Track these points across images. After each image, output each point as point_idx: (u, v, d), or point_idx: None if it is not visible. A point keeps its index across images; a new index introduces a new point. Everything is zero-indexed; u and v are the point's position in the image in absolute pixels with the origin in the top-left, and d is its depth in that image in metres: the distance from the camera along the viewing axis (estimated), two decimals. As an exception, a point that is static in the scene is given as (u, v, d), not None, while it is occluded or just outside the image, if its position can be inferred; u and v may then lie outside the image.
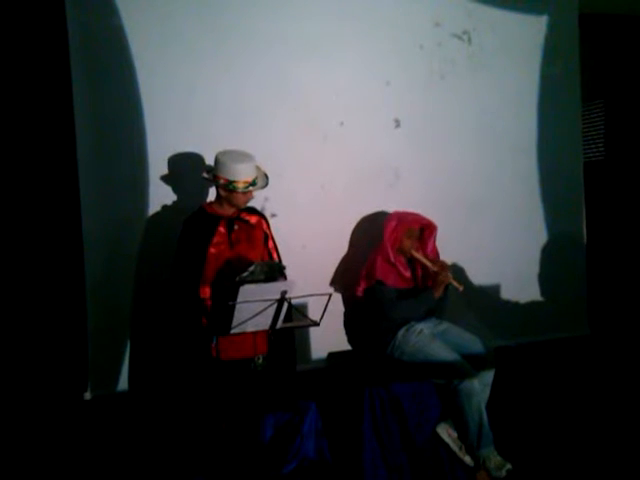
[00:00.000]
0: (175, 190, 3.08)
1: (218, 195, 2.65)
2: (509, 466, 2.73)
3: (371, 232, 3.45)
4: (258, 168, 2.64)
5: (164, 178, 3.07)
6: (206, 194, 3.05)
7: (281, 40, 3.29)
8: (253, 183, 2.57)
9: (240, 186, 2.54)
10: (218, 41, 3.18)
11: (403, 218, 3.06)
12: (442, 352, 2.87)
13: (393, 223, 3.05)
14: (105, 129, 3.02)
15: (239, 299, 2.24)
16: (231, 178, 2.54)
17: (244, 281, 2.37)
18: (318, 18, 3.37)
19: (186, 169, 3.07)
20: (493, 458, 2.76)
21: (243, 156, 2.59)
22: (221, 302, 2.39)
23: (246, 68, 3.23)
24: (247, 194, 2.60)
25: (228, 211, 2.65)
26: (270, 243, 2.80)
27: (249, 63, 3.23)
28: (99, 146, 3.01)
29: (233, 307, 2.25)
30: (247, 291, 2.25)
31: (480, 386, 2.83)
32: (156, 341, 3.00)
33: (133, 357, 3.08)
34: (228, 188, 2.56)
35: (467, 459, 2.84)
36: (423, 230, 3.10)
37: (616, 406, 3.37)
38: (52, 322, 3.20)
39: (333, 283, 3.40)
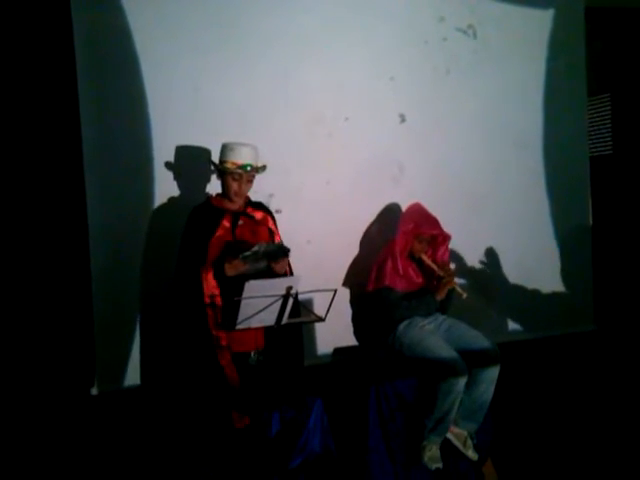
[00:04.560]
0: (180, 184, 3.09)
1: (222, 187, 2.64)
2: (440, 465, 2.76)
3: (376, 226, 3.46)
4: (261, 167, 2.59)
5: (169, 172, 3.07)
6: (211, 187, 3.04)
7: (286, 35, 3.28)
8: (243, 167, 2.53)
9: (228, 166, 2.52)
10: (223, 37, 3.17)
11: (418, 223, 3.02)
12: (439, 348, 2.85)
13: (409, 227, 3.01)
14: (110, 125, 3.02)
15: (244, 295, 2.24)
16: (222, 158, 2.56)
17: (246, 259, 2.38)
18: (322, 14, 3.36)
19: (190, 163, 3.07)
20: (434, 450, 2.78)
21: (241, 142, 2.57)
22: (227, 298, 2.39)
23: (250, 64, 3.23)
24: (238, 181, 2.55)
25: (233, 205, 2.62)
26: (276, 240, 2.79)
27: (253, 59, 3.23)
28: (104, 142, 3.01)
29: (239, 303, 2.26)
30: (253, 287, 2.25)
31: (476, 387, 2.82)
32: (163, 336, 3.01)
33: (140, 352, 3.09)
34: (219, 169, 2.57)
35: (470, 453, 2.84)
36: (436, 236, 3.09)
37: (622, 402, 3.36)
38: (59, 317, 3.21)
39: (339, 278, 3.40)
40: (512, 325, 3.86)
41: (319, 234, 3.34)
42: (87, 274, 3.01)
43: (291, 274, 2.63)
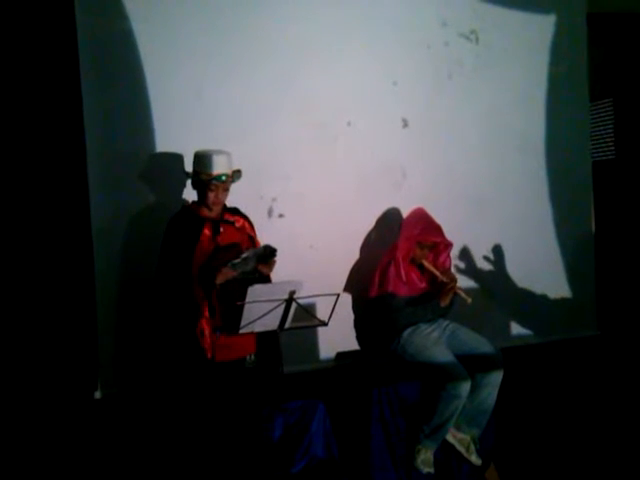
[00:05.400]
0: (181, 188, 3.09)
1: (198, 196, 2.62)
2: (432, 470, 2.78)
3: (379, 231, 3.46)
4: (236, 172, 2.58)
5: (171, 175, 3.07)
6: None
7: (288, 41, 3.30)
8: (218, 178, 2.52)
9: (204, 178, 2.51)
10: (225, 43, 3.19)
11: (423, 230, 3.01)
12: (441, 356, 2.85)
13: (414, 232, 3.00)
14: (114, 129, 3.03)
15: (248, 299, 2.25)
16: (196, 168, 2.54)
17: (235, 266, 2.38)
18: (324, 19, 3.37)
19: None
20: (429, 455, 2.79)
21: (215, 150, 2.56)
22: (229, 302, 2.40)
23: (253, 69, 3.24)
24: (215, 191, 2.53)
25: (211, 213, 2.59)
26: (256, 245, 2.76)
27: (256, 64, 3.24)
28: (107, 145, 3.02)
29: (242, 307, 2.26)
30: (256, 291, 2.26)
31: (479, 392, 2.82)
32: (162, 340, 3.00)
33: (143, 356, 3.09)
34: (194, 180, 2.56)
35: (473, 459, 2.83)
36: (438, 243, 3.07)
37: (625, 407, 3.35)
38: (62, 321, 3.22)
39: (341, 283, 3.40)
40: (515, 330, 3.85)
41: (322, 239, 3.33)
42: (90, 277, 3.02)
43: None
